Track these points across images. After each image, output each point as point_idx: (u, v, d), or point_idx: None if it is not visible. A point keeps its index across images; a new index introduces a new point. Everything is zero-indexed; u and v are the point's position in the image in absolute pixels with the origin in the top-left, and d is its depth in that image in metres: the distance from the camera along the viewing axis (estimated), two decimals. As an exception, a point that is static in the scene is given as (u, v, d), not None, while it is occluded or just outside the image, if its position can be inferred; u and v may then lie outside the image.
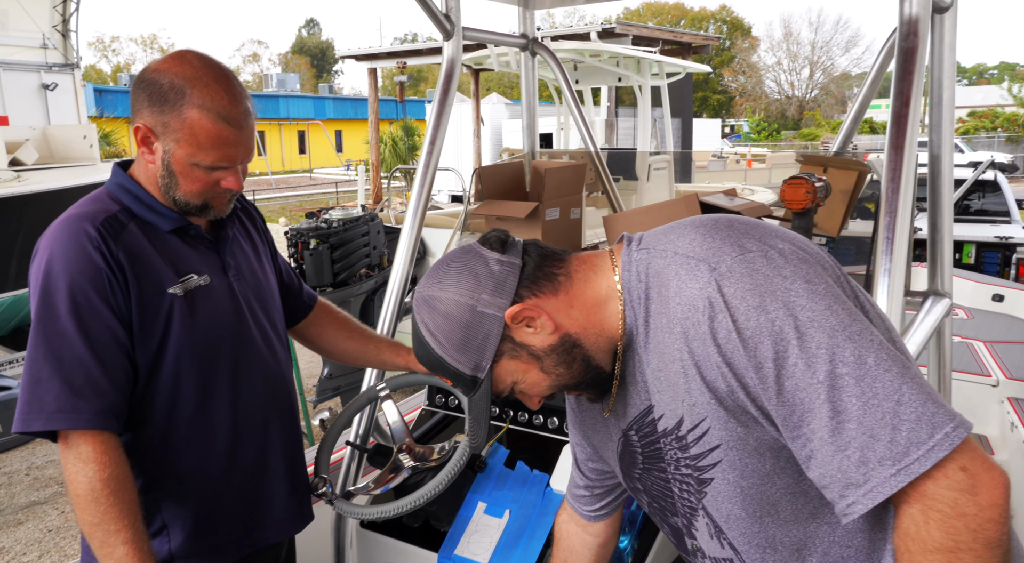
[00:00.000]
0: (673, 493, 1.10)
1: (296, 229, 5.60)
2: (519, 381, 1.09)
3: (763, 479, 0.97)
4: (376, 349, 1.83)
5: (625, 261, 1.04)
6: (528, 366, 1.07)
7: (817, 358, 0.85)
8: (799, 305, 0.87)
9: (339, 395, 5.26)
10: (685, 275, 0.95)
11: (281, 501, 1.58)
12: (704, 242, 0.95)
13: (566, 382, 1.08)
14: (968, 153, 19.91)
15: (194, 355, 1.42)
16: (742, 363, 0.89)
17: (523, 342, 1.05)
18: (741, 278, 0.90)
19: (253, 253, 1.63)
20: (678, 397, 0.99)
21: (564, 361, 1.06)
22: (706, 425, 0.97)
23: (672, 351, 0.97)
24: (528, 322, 1.04)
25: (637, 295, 1.02)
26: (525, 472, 1.74)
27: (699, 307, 0.92)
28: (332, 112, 37.03)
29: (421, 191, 2.04)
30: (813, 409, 0.85)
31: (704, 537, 1.10)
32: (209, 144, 1.36)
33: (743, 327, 0.88)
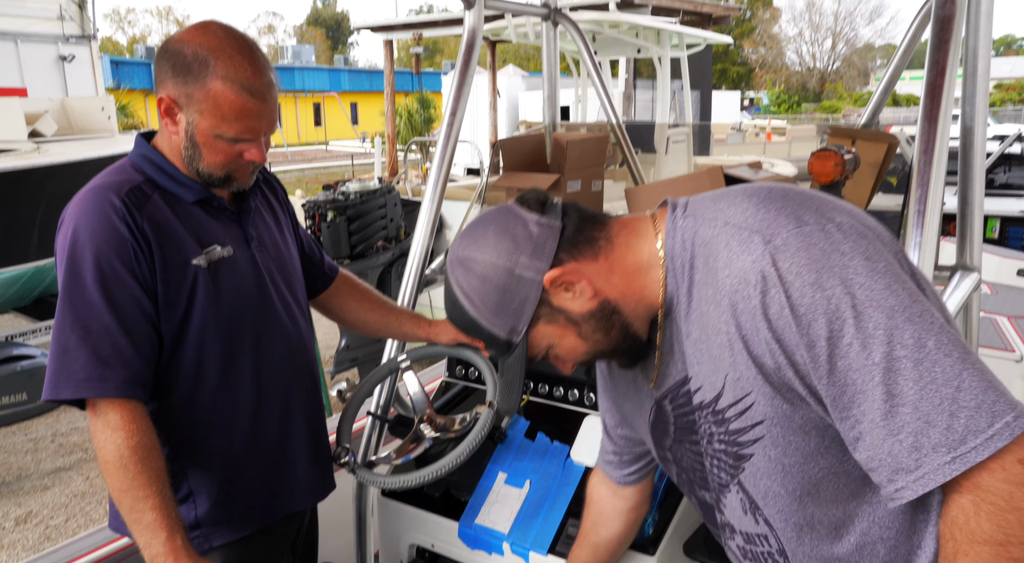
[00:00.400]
0: (704, 467, 1.09)
1: (313, 201, 5.60)
2: (555, 346, 1.07)
3: (806, 458, 0.95)
4: (397, 320, 1.83)
5: (669, 228, 1.01)
6: (565, 331, 1.05)
7: (874, 339, 0.82)
8: (857, 283, 0.83)
9: (357, 366, 5.30)
10: (737, 246, 0.91)
11: (304, 469, 1.59)
12: (758, 212, 0.92)
13: (603, 348, 1.07)
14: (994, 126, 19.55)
15: (218, 326, 1.43)
16: (793, 340, 0.86)
17: (561, 307, 1.03)
18: (797, 252, 0.86)
19: (275, 224, 1.64)
20: (720, 370, 0.97)
21: (602, 327, 1.04)
22: (749, 400, 0.95)
23: (717, 323, 0.94)
24: (567, 287, 1.01)
25: (681, 263, 0.99)
26: (545, 443, 1.75)
27: (751, 280, 0.88)
28: (347, 84, 36.86)
29: (441, 163, 2.03)
30: (866, 391, 0.82)
31: (736, 513, 1.08)
32: (233, 116, 1.36)
33: (797, 303, 0.85)
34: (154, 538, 1.27)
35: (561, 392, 1.83)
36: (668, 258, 1.00)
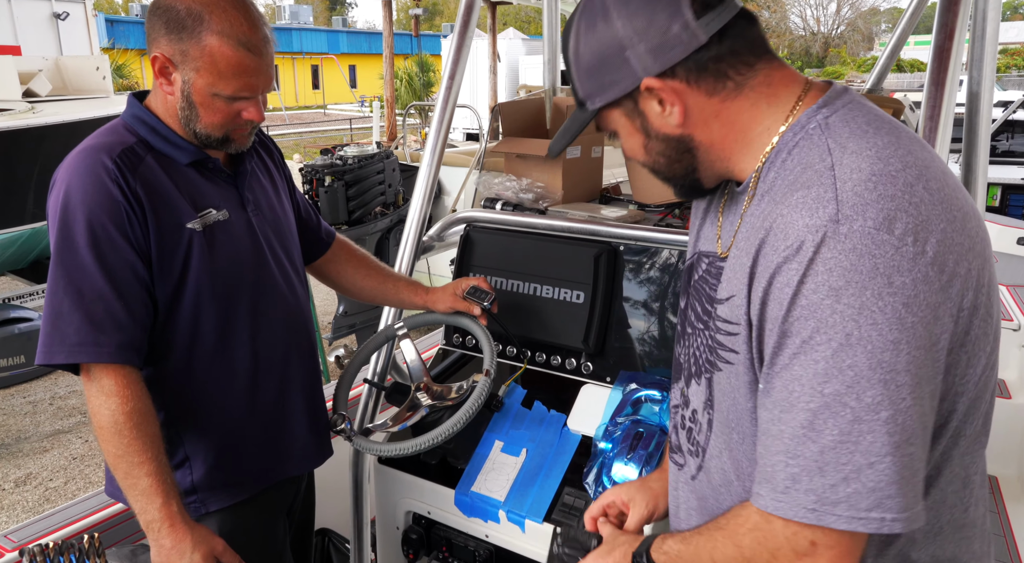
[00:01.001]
0: (698, 340, 1.05)
1: (311, 166, 5.55)
2: (620, 136, 1.03)
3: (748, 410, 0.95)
4: (394, 288, 1.82)
5: (801, 122, 0.92)
6: (635, 133, 1.00)
7: (840, 374, 0.79)
8: (872, 320, 0.78)
9: (354, 332, 5.30)
10: (812, 199, 0.83)
11: (301, 435, 1.59)
12: (866, 183, 0.81)
13: (659, 170, 1.03)
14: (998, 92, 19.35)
15: (214, 290, 1.42)
16: (773, 316, 0.84)
17: (644, 112, 0.97)
18: (850, 252, 0.79)
19: (271, 188, 1.61)
20: (733, 285, 0.94)
21: (669, 156, 1.00)
22: (736, 329, 0.93)
23: (749, 245, 0.90)
24: (660, 101, 0.95)
25: (777, 166, 0.92)
26: (542, 412, 1.75)
27: (790, 237, 0.83)
28: (346, 46, 36.31)
29: (439, 129, 1.99)
30: (795, 407, 0.82)
31: (698, 396, 1.07)
32: (230, 73, 1.32)
33: (804, 292, 0.81)
34: (149, 504, 1.27)
35: (559, 361, 1.83)
36: (774, 152, 0.93)
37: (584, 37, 0.97)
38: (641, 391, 1.61)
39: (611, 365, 1.76)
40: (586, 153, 2.12)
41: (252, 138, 1.48)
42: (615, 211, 1.97)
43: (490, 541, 1.65)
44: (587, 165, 2.14)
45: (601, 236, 1.82)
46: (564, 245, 1.85)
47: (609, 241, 1.81)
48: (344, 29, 39.27)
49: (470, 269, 1.98)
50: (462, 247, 2.00)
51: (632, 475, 1.45)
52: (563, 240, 1.87)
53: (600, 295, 1.77)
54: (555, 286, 1.83)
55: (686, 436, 1.12)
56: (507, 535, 1.62)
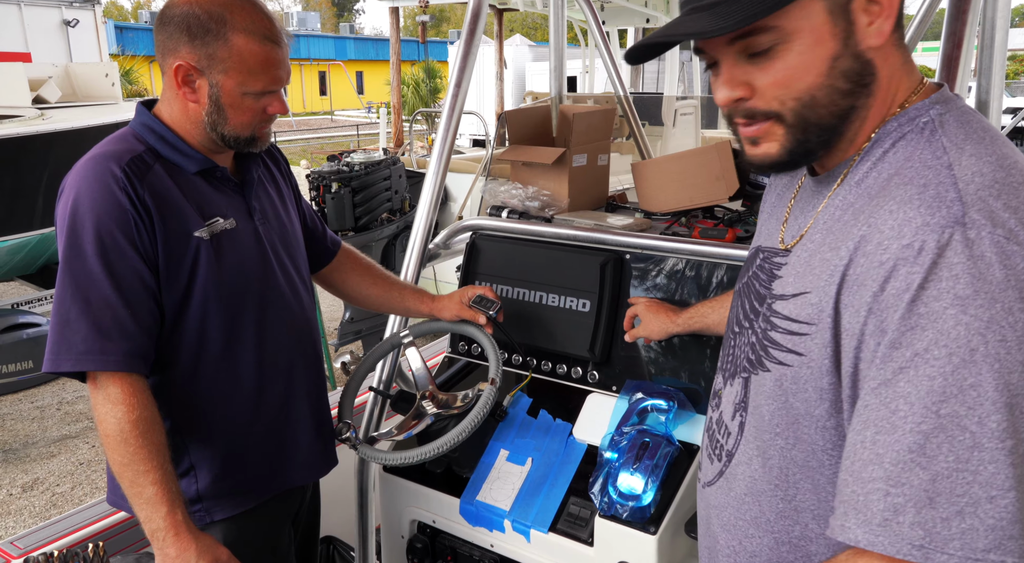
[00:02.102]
0: (741, 339, 0.98)
1: (318, 172, 5.56)
2: (789, 48, 0.80)
3: (806, 416, 0.87)
4: (400, 296, 1.82)
5: (912, 112, 0.84)
6: (828, 40, 0.80)
7: (960, 394, 0.69)
8: (1000, 337, 0.69)
9: (360, 339, 5.30)
10: (931, 196, 0.74)
11: (306, 444, 1.59)
12: (989, 188, 0.74)
13: (821, 100, 0.82)
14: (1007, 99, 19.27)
15: (220, 298, 1.42)
16: (885, 326, 0.73)
17: (854, 14, 0.80)
18: (977, 260, 0.70)
19: (278, 197, 1.62)
20: (806, 281, 0.85)
21: (851, 83, 0.82)
22: (805, 330, 0.84)
23: (838, 241, 0.81)
24: (877, 3, 0.80)
25: (878, 153, 0.84)
26: (548, 421, 1.74)
27: (904, 237, 0.73)
28: (353, 53, 36.44)
29: (446, 136, 2.00)
30: (899, 428, 0.71)
31: (729, 397, 1.00)
32: (259, 67, 1.35)
33: (924, 300, 0.71)
34: (154, 512, 1.27)
35: (564, 370, 1.82)
36: (874, 142, 0.84)
37: None
38: (647, 400, 1.60)
39: (617, 374, 1.76)
40: (592, 160, 2.12)
41: (270, 137, 1.50)
42: (621, 219, 1.96)
43: (495, 551, 1.65)
44: (593, 173, 2.14)
45: (607, 244, 1.82)
46: (570, 253, 1.84)
47: (615, 249, 1.80)
48: (351, 35, 39.45)
49: (476, 277, 1.97)
50: (468, 255, 2.00)
51: (638, 486, 1.44)
52: (569, 248, 1.86)
53: (606, 304, 1.76)
54: (561, 295, 1.82)
55: (708, 439, 1.07)
56: (512, 545, 1.61)
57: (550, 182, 2.07)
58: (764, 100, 0.84)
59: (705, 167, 1.90)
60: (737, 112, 0.87)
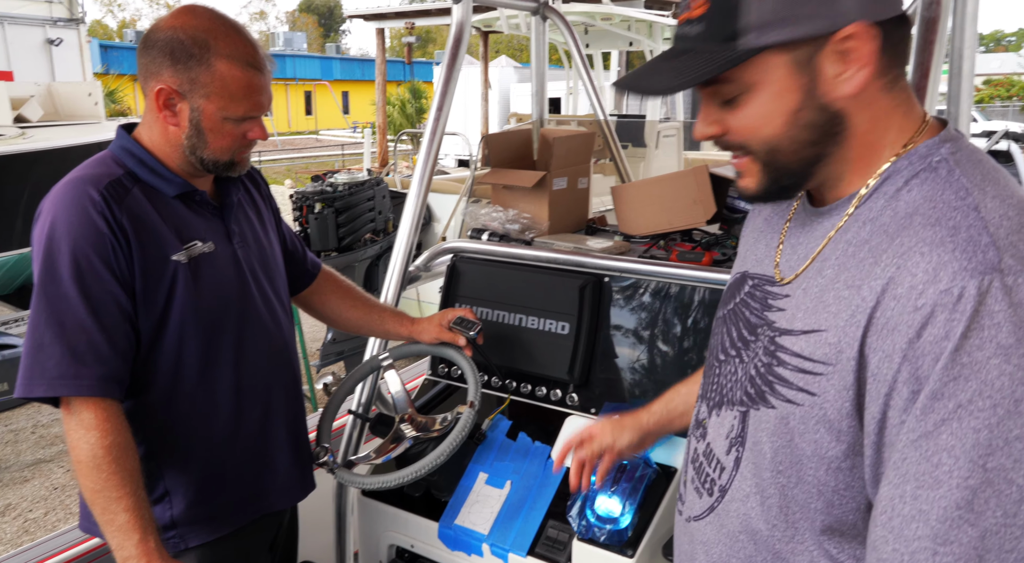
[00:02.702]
0: (729, 368, 0.96)
1: (301, 193, 5.57)
2: (752, 98, 0.82)
3: (816, 457, 0.84)
4: (380, 318, 1.82)
5: (923, 150, 0.81)
6: (790, 92, 0.80)
7: (1005, 446, 0.67)
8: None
9: (343, 360, 5.28)
10: (964, 239, 0.72)
11: (284, 469, 1.58)
12: (1018, 233, 0.73)
13: (783, 151, 0.83)
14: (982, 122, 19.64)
15: (198, 322, 1.41)
16: (921, 375, 0.71)
17: (816, 69, 0.79)
18: (1016, 307, 0.68)
19: (257, 220, 1.62)
20: (819, 319, 0.82)
21: (814, 135, 0.82)
22: (821, 370, 0.80)
23: (858, 280, 0.78)
24: (845, 58, 0.77)
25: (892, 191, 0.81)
26: (527, 444, 1.74)
27: (942, 283, 0.71)
28: (339, 73, 36.60)
29: (428, 157, 2.01)
30: (944, 483, 0.69)
31: (720, 430, 0.97)
32: (241, 93, 1.36)
33: (967, 350, 0.69)
34: (127, 539, 1.25)
35: (544, 392, 1.82)
36: (884, 177, 0.82)
37: None
38: (625, 423, 1.60)
39: (596, 396, 1.76)
40: (572, 184, 2.14)
41: (249, 161, 1.51)
42: (601, 242, 1.98)
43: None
44: (573, 196, 2.16)
45: (586, 267, 1.83)
46: (550, 276, 1.86)
47: (594, 272, 1.82)
48: (337, 56, 39.64)
49: (456, 299, 1.98)
50: (448, 277, 2.01)
51: (615, 508, 1.45)
52: (549, 271, 1.87)
53: (585, 326, 1.77)
54: (540, 317, 1.83)
55: (695, 471, 1.03)
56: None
57: (530, 205, 2.09)
58: (735, 139, 0.86)
59: (683, 191, 1.93)
60: (717, 144, 0.89)
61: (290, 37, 39.37)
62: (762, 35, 0.77)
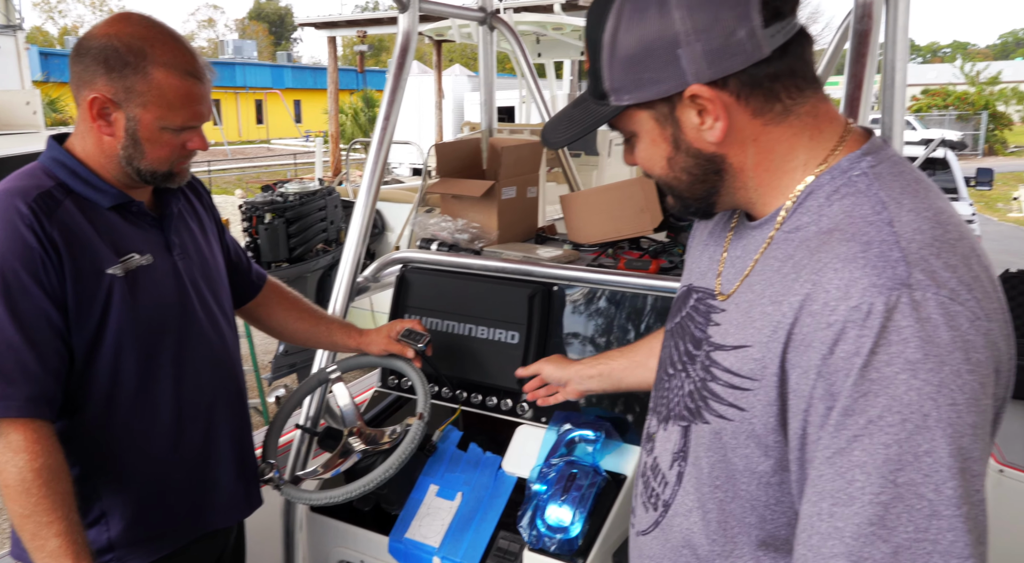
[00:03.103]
0: (677, 380, 0.97)
1: (251, 203, 5.48)
2: (640, 142, 0.90)
3: (746, 472, 0.85)
4: (327, 330, 1.80)
5: (844, 164, 0.83)
6: (661, 142, 0.88)
7: (915, 461, 0.67)
8: (951, 401, 0.68)
9: (295, 372, 5.19)
10: (875, 255, 0.73)
11: (228, 486, 1.54)
12: (932, 246, 0.74)
13: (676, 188, 0.91)
14: (920, 130, 20.35)
15: (135, 338, 1.38)
16: (835, 390, 0.72)
17: (680, 121, 0.86)
18: (924, 322, 0.69)
19: (199, 230, 1.58)
20: (746, 334, 0.84)
21: (694, 175, 0.89)
22: (748, 385, 0.82)
23: (779, 295, 0.80)
24: (702, 113, 0.84)
25: (815, 207, 0.83)
26: (478, 454, 1.73)
27: (852, 298, 0.72)
28: (291, 81, 36.18)
29: (375, 167, 2.00)
30: (858, 499, 0.69)
31: (666, 444, 0.98)
32: (179, 102, 1.32)
33: (875, 366, 0.69)
34: (59, 566, 1.20)
35: (495, 402, 1.82)
36: (807, 192, 0.84)
37: (629, 22, 0.83)
38: (575, 431, 1.61)
39: (547, 406, 1.76)
40: (521, 193, 2.15)
41: (189, 172, 1.47)
42: (550, 251, 1.99)
43: (425, 589, 1.62)
44: (523, 205, 2.17)
45: (535, 276, 1.84)
46: (499, 285, 1.86)
47: (543, 281, 1.82)
48: (289, 64, 39.20)
49: (405, 310, 1.96)
50: (397, 288, 1.99)
51: (566, 517, 1.45)
52: (498, 280, 1.87)
53: (535, 335, 1.78)
54: (490, 327, 1.83)
55: (643, 486, 1.04)
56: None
57: (479, 214, 2.08)
58: (644, 170, 0.95)
59: (630, 199, 1.95)
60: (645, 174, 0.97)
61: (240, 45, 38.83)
62: (619, 97, 0.87)
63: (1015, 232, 13.28)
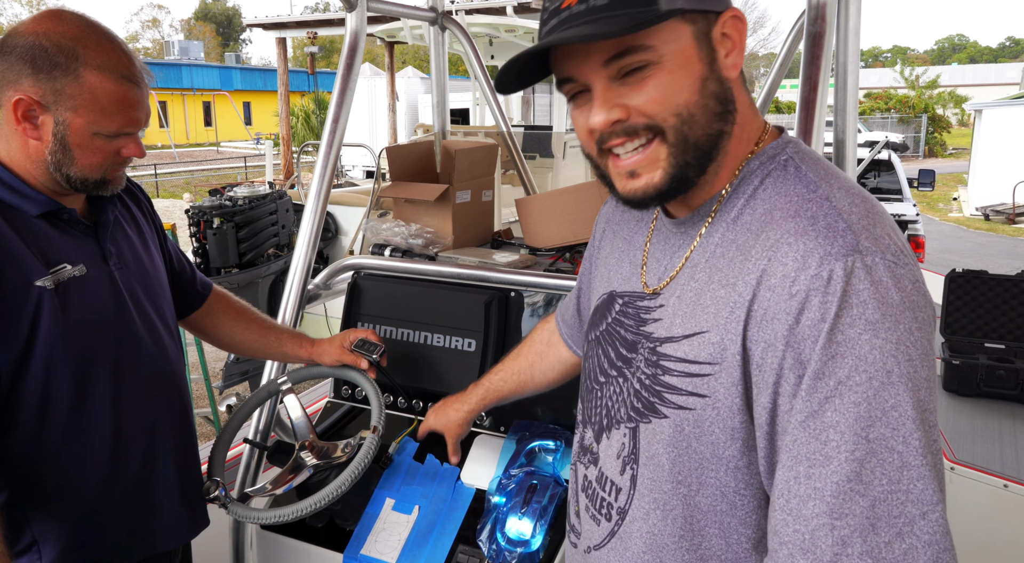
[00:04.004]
0: (610, 388, 0.96)
1: (198, 207, 5.32)
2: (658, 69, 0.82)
3: (714, 458, 0.84)
4: (277, 340, 1.73)
5: (770, 151, 0.88)
6: (696, 62, 0.83)
7: (883, 416, 0.70)
8: (908, 356, 0.71)
9: (247, 380, 5.06)
10: (823, 226, 0.77)
11: (171, 506, 1.47)
12: (868, 217, 0.78)
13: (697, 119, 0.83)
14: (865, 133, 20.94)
15: (68, 353, 1.29)
16: (803, 357, 0.74)
17: (714, 43, 0.84)
18: (878, 284, 0.73)
19: (139, 239, 1.51)
20: (699, 321, 0.84)
21: (720, 106, 0.84)
22: (708, 370, 0.82)
23: (733, 277, 0.81)
24: (730, 40, 0.84)
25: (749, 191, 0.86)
26: (435, 465, 1.68)
27: (810, 268, 0.75)
28: (240, 83, 35.49)
29: (324, 170, 1.94)
30: (834, 458, 0.71)
31: (610, 452, 0.96)
32: (114, 108, 1.25)
33: (840, 328, 0.72)
34: (-18, 600, 1.12)
35: (451, 410, 1.77)
36: (740, 179, 0.87)
37: None
38: (534, 441, 1.57)
39: (506, 415, 1.73)
40: (476, 197, 2.11)
41: (124, 179, 1.40)
42: (506, 256, 1.95)
43: (382, 607, 1.57)
44: (478, 209, 2.13)
45: (491, 282, 1.80)
46: (454, 292, 1.81)
47: (500, 287, 1.78)
48: (238, 66, 38.46)
49: (358, 318, 1.91)
50: (349, 295, 1.93)
51: (526, 530, 1.41)
52: (453, 287, 1.83)
53: (492, 342, 1.74)
54: (446, 334, 1.78)
55: (588, 499, 1.01)
56: (400, 600, 1.54)
57: (434, 219, 2.04)
58: (644, 116, 0.83)
59: (586, 202, 1.93)
60: (616, 134, 0.84)
61: (186, 46, 37.98)
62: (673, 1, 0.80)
63: (956, 231, 13.75)
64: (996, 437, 2.60)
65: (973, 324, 3.12)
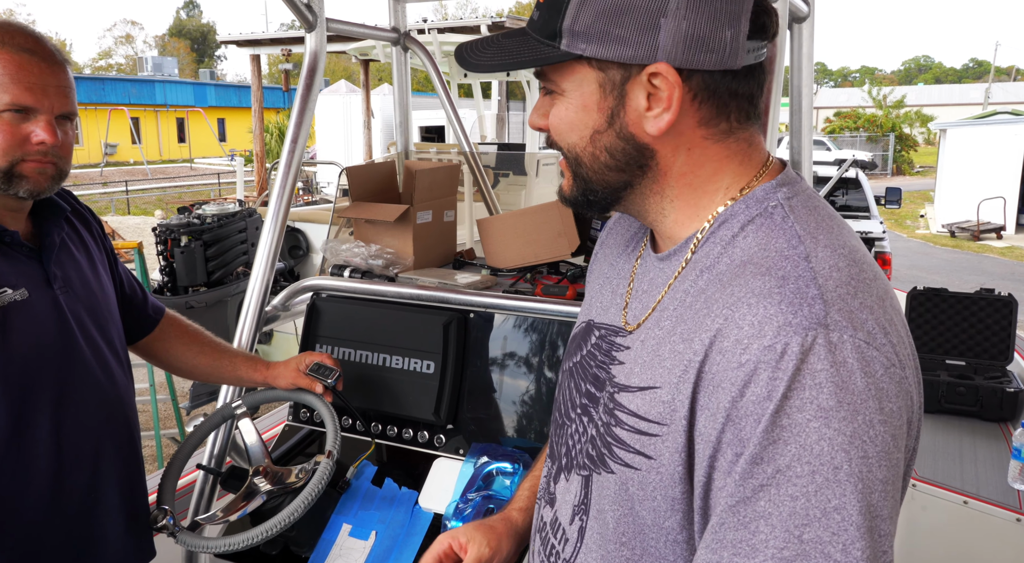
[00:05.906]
0: (574, 428, 0.90)
1: (165, 225, 5.26)
2: (561, 102, 0.81)
3: (654, 526, 0.78)
4: (231, 364, 1.70)
5: (759, 194, 0.79)
6: (594, 111, 0.79)
7: (823, 517, 0.63)
8: (862, 454, 0.64)
9: (215, 400, 4.99)
10: (791, 292, 0.68)
11: (116, 540, 1.43)
12: (849, 285, 0.70)
13: (585, 165, 0.82)
14: (834, 151, 21.28)
15: (8, 381, 1.26)
16: (743, 435, 0.66)
17: (625, 94, 0.77)
18: (840, 367, 0.65)
19: (87, 262, 1.47)
20: (654, 375, 0.77)
21: (616, 161, 0.80)
22: (656, 430, 0.75)
23: (690, 333, 0.74)
24: (654, 97, 0.76)
25: (728, 237, 0.78)
26: (393, 489, 1.66)
27: (765, 338, 0.67)
28: (214, 99, 35.27)
29: (282, 190, 1.91)
30: (760, 553, 0.65)
31: (566, 497, 0.91)
32: (11, 78, 1.20)
33: (787, 411, 0.64)
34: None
35: (411, 434, 1.75)
36: (720, 221, 0.79)
37: None
38: (492, 464, 1.56)
39: (465, 438, 1.71)
40: (438, 217, 2.10)
41: (54, 184, 1.32)
42: (467, 277, 1.94)
43: (337, 637, 1.53)
44: (439, 229, 2.12)
45: (451, 303, 1.78)
46: (413, 313, 1.80)
47: (459, 308, 1.77)
48: (212, 82, 38.25)
49: (317, 340, 1.88)
50: (308, 317, 1.91)
51: (481, 556, 1.39)
52: (412, 308, 1.81)
53: (451, 365, 1.72)
54: (405, 356, 1.76)
55: (541, 543, 0.96)
56: (354, 629, 1.51)
57: (394, 239, 2.02)
58: (551, 136, 0.84)
59: (547, 223, 1.92)
60: (546, 141, 0.86)
61: (159, 62, 37.73)
62: (575, 44, 0.77)
63: (923, 248, 13.99)
64: (956, 454, 2.62)
65: (934, 341, 3.17)
